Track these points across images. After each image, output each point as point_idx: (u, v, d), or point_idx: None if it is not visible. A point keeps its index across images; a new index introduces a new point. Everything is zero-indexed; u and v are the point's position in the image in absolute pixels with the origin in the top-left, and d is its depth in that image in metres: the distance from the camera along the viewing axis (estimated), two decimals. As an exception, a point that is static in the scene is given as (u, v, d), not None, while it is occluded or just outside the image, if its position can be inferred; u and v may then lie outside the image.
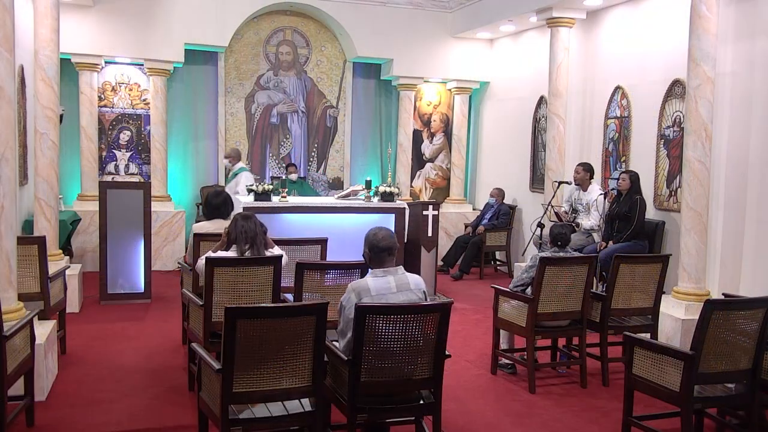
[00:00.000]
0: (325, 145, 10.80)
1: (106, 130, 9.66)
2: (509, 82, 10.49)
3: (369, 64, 10.86)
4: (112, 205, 7.43)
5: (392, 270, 3.78)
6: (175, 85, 9.93)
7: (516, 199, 10.17)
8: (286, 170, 9.89)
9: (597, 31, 8.54)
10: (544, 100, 9.39)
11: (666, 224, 7.24)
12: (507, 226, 9.80)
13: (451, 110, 11.18)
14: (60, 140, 7.32)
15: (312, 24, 10.56)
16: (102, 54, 9.21)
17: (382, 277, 3.74)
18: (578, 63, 8.74)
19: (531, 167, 9.85)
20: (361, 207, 8.02)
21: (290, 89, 10.54)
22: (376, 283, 3.71)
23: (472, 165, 11.44)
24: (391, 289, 3.71)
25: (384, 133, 11.05)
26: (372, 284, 3.70)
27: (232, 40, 9.91)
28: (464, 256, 9.56)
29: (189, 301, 5.06)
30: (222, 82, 10.18)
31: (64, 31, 7.54)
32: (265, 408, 3.52)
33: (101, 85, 9.57)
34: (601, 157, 8.36)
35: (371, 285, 3.70)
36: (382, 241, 3.77)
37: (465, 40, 10.71)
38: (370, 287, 3.69)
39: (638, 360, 4.17)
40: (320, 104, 10.71)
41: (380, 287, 3.70)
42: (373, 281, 3.72)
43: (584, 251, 7.13)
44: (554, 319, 5.29)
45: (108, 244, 7.47)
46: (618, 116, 8.09)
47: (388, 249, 3.78)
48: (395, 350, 3.56)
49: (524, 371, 5.40)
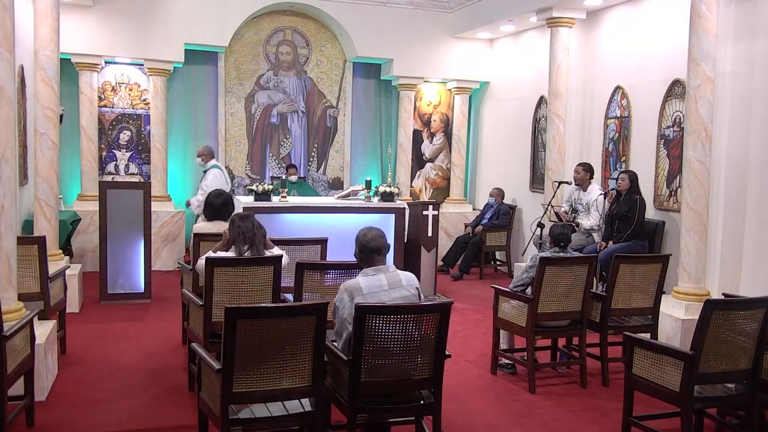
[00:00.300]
0: (325, 145, 10.80)
1: (106, 130, 9.66)
2: (509, 82, 10.49)
3: (369, 64, 10.86)
4: (112, 205, 7.43)
5: (383, 268, 3.82)
6: (175, 85, 9.93)
7: (516, 199, 10.17)
8: (287, 171, 9.89)
9: (597, 31, 8.54)
10: (544, 100, 9.39)
11: (666, 224, 7.24)
12: (507, 226, 9.80)
13: (451, 110, 11.18)
14: (60, 140, 7.32)
15: (312, 24, 10.56)
16: (102, 54, 9.21)
17: (373, 276, 3.78)
18: (578, 63, 8.74)
19: (531, 167, 9.85)
20: (361, 207, 8.02)
21: (290, 89, 10.54)
22: (368, 282, 3.74)
23: (472, 165, 11.44)
24: (383, 287, 3.74)
25: (384, 133, 11.05)
26: (363, 283, 3.74)
27: (232, 40, 9.91)
28: (464, 256, 9.56)
29: (189, 301, 5.07)
30: (222, 82, 10.18)
31: (64, 31, 7.54)
32: (265, 408, 3.52)
33: (101, 85, 9.57)
34: (601, 157, 8.36)
35: (363, 284, 3.73)
36: (372, 242, 3.82)
37: (465, 40, 10.71)
38: (361, 286, 3.72)
39: (638, 360, 4.17)
40: (320, 104, 10.71)
41: (372, 285, 3.73)
42: (364, 280, 3.76)
43: (584, 251, 7.13)
44: (554, 319, 5.29)
45: (108, 244, 7.47)
46: (618, 116, 8.09)
47: (378, 249, 3.82)
48: (395, 350, 3.57)
49: (524, 371, 5.40)
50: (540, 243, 7.48)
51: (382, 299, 3.68)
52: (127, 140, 9.76)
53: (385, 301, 3.68)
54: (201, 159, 8.72)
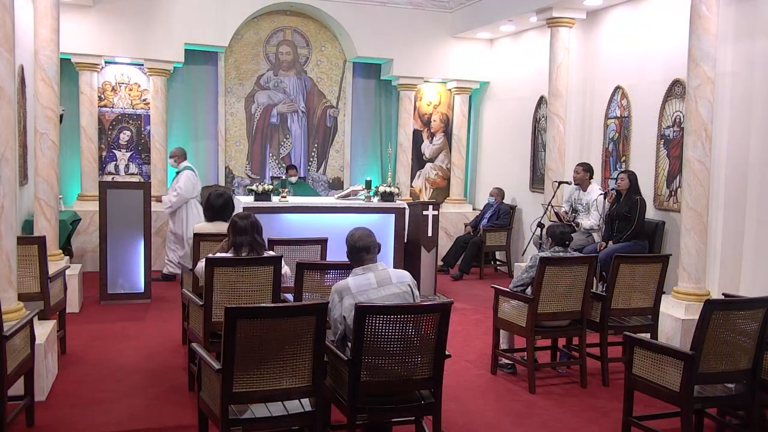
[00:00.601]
0: (325, 145, 10.80)
1: (106, 130, 9.66)
2: (509, 82, 10.49)
3: (369, 64, 10.86)
4: (112, 205, 7.43)
5: (372, 267, 3.87)
6: (175, 85, 9.93)
7: (516, 199, 10.17)
8: (287, 172, 9.89)
9: (597, 31, 8.54)
10: (544, 100, 9.39)
11: (666, 224, 7.24)
12: (507, 226, 9.80)
13: (452, 110, 11.18)
14: (60, 140, 7.32)
15: (312, 24, 10.56)
16: (102, 54, 9.21)
17: (362, 275, 3.84)
18: (578, 63, 8.74)
19: (531, 167, 9.85)
20: (361, 207, 8.02)
21: (290, 89, 10.54)
22: (356, 281, 3.80)
23: (471, 165, 11.44)
24: (371, 285, 3.79)
25: (384, 133, 11.05)
26: (352, 283, 3.80)
27: (232, 40, 9.91)
28: (464, 256, 9.56)
29: (189, 301, 5.07)
30: (222, 82, 10.18)
31: (64, 31, 7.54)
32: (265, 408, 3.52)
33: (101, 85, 9.58)
34: (601, 157, 8.36)
35: (351, 284, 3.79)
36: (359, 241, 3.90)
37: (465, 40, 10.71)
38: (350, 286, 3.78)
39: (638, 360, 4.17)
40: (320, 104, 10.71)
41: (360, 284, 3.78)
42: (353, 280, 3.82)
43: (584, 251, 7.13)
44: (554, 319, 5.29)
45: (108, 244, 7.47)
46: (618, 116, 8.09)
47: (366, 248, 3.89)
48: (395, 350, 3.57)
49: (524, 371, 5.40)
50: (540, 243, 7.48)
51: (370, 297, 3.72)
52: (127, 140, 9.76)
53: (373, 299, 3.71)
54: (173, 160, 8.79)
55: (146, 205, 7.53)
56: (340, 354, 3.67)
